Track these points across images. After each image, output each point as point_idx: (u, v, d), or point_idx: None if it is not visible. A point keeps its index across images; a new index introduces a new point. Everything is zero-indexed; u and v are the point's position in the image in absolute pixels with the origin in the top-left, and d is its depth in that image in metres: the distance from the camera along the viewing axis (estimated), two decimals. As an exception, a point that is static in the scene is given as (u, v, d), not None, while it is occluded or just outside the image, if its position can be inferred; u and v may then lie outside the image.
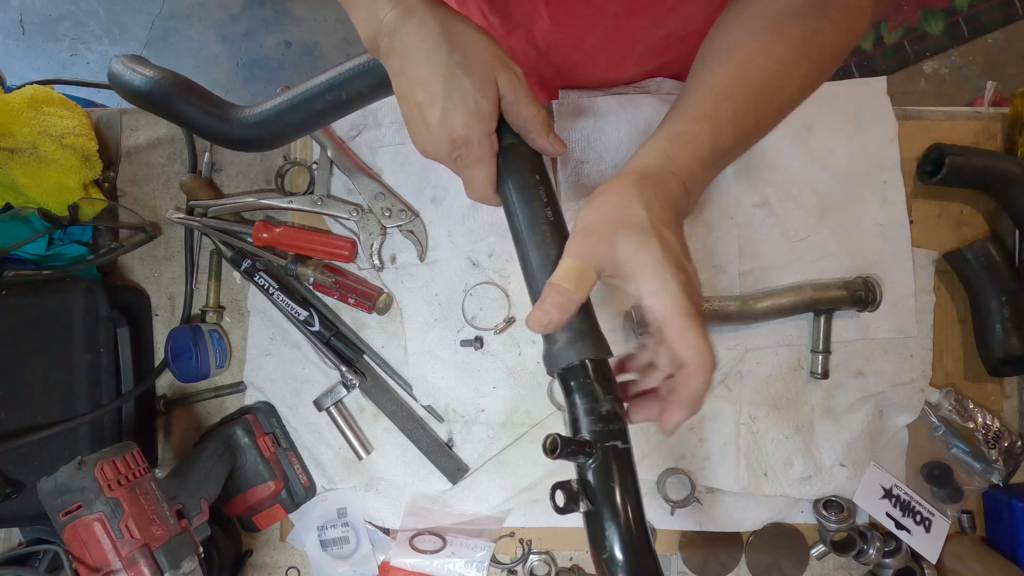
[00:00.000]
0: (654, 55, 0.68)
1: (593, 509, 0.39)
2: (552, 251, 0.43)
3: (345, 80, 0.50)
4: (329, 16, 1.86)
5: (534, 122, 0.45)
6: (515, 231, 0.46)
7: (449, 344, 0.67)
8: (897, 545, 0.66)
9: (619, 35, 0.63)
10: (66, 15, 1.90)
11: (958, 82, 1.78)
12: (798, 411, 0.66)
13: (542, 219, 0.44)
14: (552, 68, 0.70)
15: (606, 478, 0.39)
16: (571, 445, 0.39)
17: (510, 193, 0.46)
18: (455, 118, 0.43)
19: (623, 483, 0.39)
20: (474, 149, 0.44)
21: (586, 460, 0.40)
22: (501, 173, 0.46)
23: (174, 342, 0.66)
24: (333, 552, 0.68)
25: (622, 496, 0.39)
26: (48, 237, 0.68)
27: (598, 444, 0.40)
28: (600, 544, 0.39)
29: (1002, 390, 0.69)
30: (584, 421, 0.41)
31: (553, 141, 0.46)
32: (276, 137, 0.55)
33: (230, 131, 0.55)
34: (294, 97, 0.52)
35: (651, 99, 0.68)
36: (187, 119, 0.56)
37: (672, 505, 0.66)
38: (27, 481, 0.58)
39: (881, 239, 0.67)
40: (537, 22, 0.63)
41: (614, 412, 0.40)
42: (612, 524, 0.38)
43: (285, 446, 0.68)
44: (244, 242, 0.69)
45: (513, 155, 0.46)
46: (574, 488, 0.40)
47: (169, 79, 0.56)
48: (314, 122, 0.54)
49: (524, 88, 0.44)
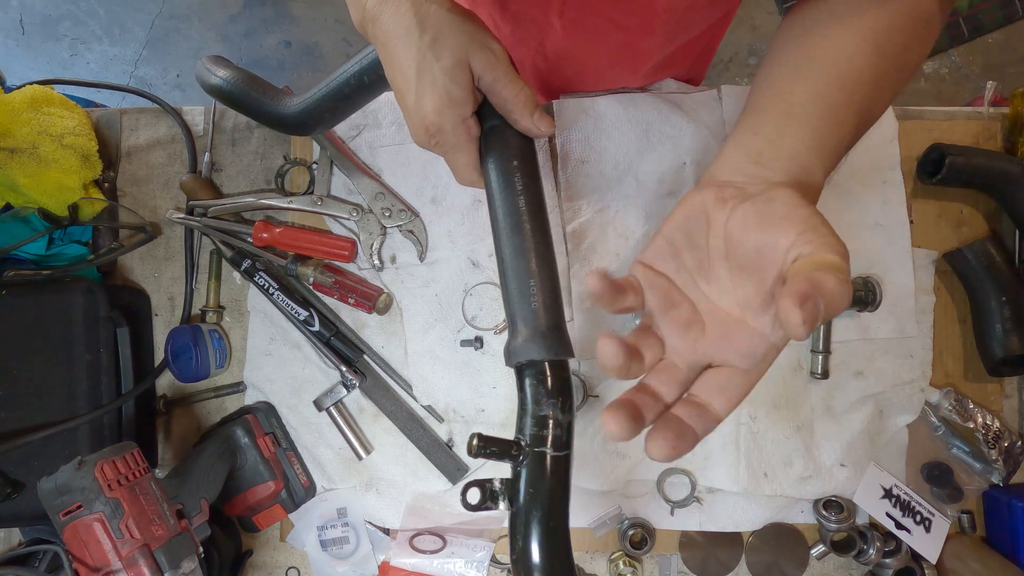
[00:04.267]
0: (663, 66, 0.68)
1: (514, 511, 0.39)
2: (522, 242, 0.42)
3: (365, 66, 0.51)
4: (329, 16, 1.86)
5: (515, 102, 0.43)
6: (492, 217, 0.45)
7: (449, 344, 0.67)
8: (897, 545, 0.66)
9: (632, 49, 0.62)
10: (66, 15, 1.90)
11: (958, 82, 1.78)
12: (798, 411, 0.66)
13: (515, 208, 0.43)
14: (561, 78, 0.70)
15: (529, 482, 0.39)
16: (494, 446, 0.38)
17: (488, 179, 0.45)
18: (427, 105, 0.42)
19: (547, 489, 0.38)
20: (448, 136, 0.43)
21: (514, 461, 0.39)
22: (483, 156, 0.45)
23: (174, 342, 0.66)
24: (333, 552, 0.68)
25: (543, 502, 0.38)
26: (48, 237, 0.68)
27: (526, 447, 0.39)
28: (514, 546, 0.39)
29: (1002, 390, 0.69)
30: (522, 421, 0.40)
31: (539, 121, 0.44)
32: (318, 122, 0.59)
33: (284, 118, 0.60)
34: (327, 85, 0.55)
35: (651, 98, 0.68)
36: (253, 112, 0.63)
37: (672, 505, 0.66)
38: (27, 481, 0.58)
39: (881, 239, 0.67)
40: (550, 34, 0.62)
41: (553, 417, 0.39)
42: (529, 528, 0.38)
43: (285, 446, 0.68)
44: (244, 242, 0.69)
45: (495, 138, 0.45)
46: (495, 487, 0.40)
47: (238, 77, 0.63)
48: (346, 107, 0.57)
49: (504, 66, 0.43)
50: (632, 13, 0.57)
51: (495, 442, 0.38)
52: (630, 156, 0.67)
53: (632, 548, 0.66)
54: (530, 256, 0.42)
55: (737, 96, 0.69)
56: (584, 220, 0.66)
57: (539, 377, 0.40)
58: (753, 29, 1.80)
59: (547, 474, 0.39)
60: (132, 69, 1.89)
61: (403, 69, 0.42)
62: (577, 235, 0.66)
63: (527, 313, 0.41)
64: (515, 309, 0.42)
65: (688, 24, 0.59)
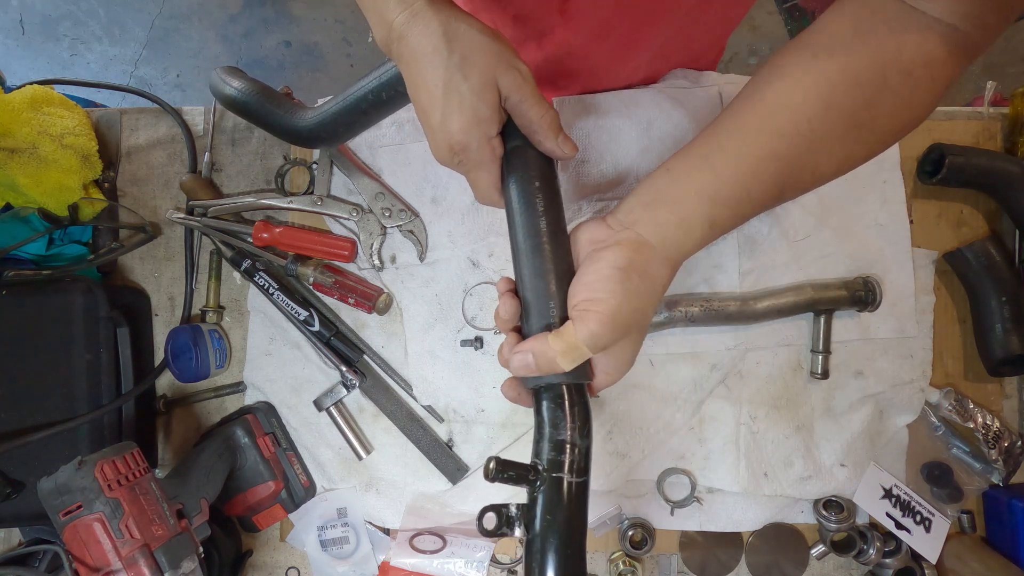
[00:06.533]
0: (667, 59, 0.68)
1: (530, 537, 0.38)
2: (542, 263, 0.42)
3: (384, 82, 0.51)
4: (329, 16, 1.86)
5: (540, 123, 0.44)
6: (512, 237, 0.45)
7: (449, 344, 0.67)
8: (897, 545, 0.66)
9: (636, 43, 0.62)
10: (66, 15, 1.90)
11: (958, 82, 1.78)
12: (798, 411, 0.66)
13: (535, 229, 0.43)
14: (565, 75, 0.70)
15: (546, 508, 0.38)
16: (511, 470, 0.37)
17: (510, 198, 0.45)
18: (453, 123, 0.42)
19: (565, 516, 0.38)
20: (473, 155, 0.43)
21: (531, 486, 0.39)
22: (504, 176, 0.45)
23: (174, 342, 0.66)
24: (333, 552, 0.68)
25: (559, 530, 0.37)
26: (48, 237, 0.68)
27: (543, 472, 0.38)
28: (529, 573, 0.38)
29: (1002, 390, 0.69)
30: (540, 445, 0.40)
31: (563, 143, 0.45)
32: (332, 136, 0.59)
33: (298, 132, 0.60)
34: (343, 99, 0.55)
35: (652, 96, 0.68)
36: (266, 124, 0.63)
37: (672, 505, 0.66)
38: (27, 481, 0.58)
39: (881, 239, 0.67)
40: (551, 32, 0.62)
41: (571, 442, 0.39)
42: (545, 557, 0.37)
43: (285, 446, 0.68)
44: (244, 242, 0.69)
45: (518, 158, 0.45)
46: (511, 513, 0.39)
47: (252, 89, 0.63)
48: (362, 122, 0.57)
49: (530, 88, 0.43)
50: (634, 6, 0.57)
51: (512, 466, 0.38)
52: (631, 155, 0.67)
53: (632, 548, 0.66)
54: (550, 278, 0.42)
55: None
56: (584, 220, 0.66)
57: (557, 400, 0.40)
58: (753, 29, 1.80)
59: (564, 500, 0.38)
60: (132, 69, 1.89)
61: (429, 88, 0.42)
62: (577, 235, 0.66)
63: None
64: (534, 330, 0.42)
65: (693, 17, 0.59)
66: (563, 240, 0.44)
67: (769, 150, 0.40)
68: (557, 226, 0.44)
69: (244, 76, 0.66)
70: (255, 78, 0.66)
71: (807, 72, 0.40)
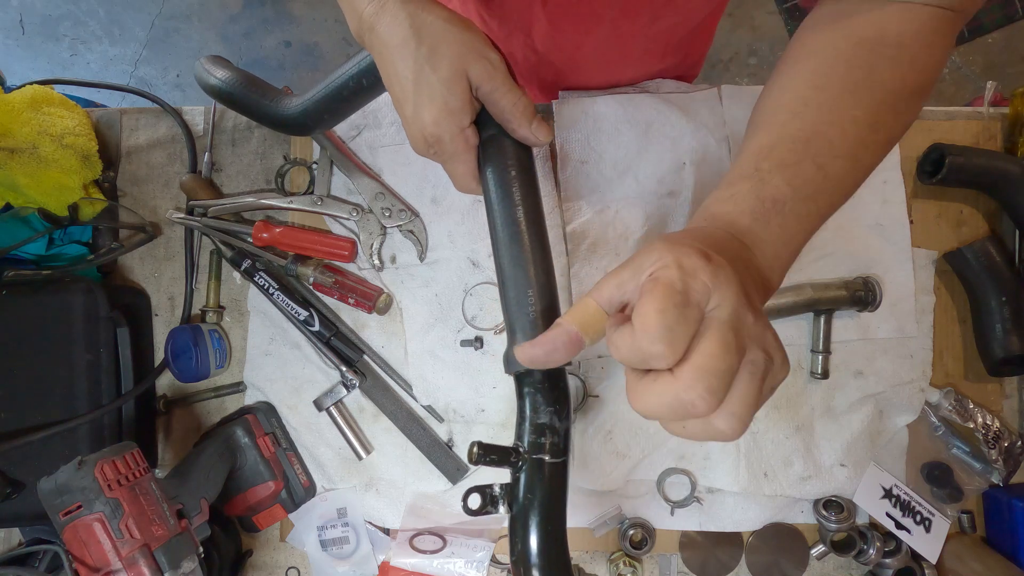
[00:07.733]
0: (655, 57, 0.68)
1: (513, 514, 0.40)
2: (520, 252, 0.43)
3: (363, 69, 0.52)
4: (329, 16, 1.86)
5: (513, 111, 0.43)
6: (490, 227, 0.45)
7: (449, 344, 0.67)
8: (897, 545, 0.66)
9: (618, 36, 0.63)
10: (66, 15, 1.90)
11: (958, 82, 1.78)
12: (798, 411, 0.66)
13: (512, 218, 0.43)
14: (552, 71, 0.70)
15: (527, 487, 0.40)
16: (494, 453, 0.40)
17: (487, 188, 0.45)
18: (424, 115, 0.42)
19: (545, 494, 0.40)
20: (447, 146, 0.43)
21: (513, 467, 0.41)
22: (481, 166, 0.46)
23: (174, 342, 0.66)
24: (333, 552, 0.68)
25: (540, 507, 0.40)
26: (48, 237, 0.68)
27: (525, 454, 0.40)
28: (513, 547, 0.40)
29: (1002, 390, 0.69)
30: (521, 428, 0.42)
31: (536, 130, 0.44)
32: (317, 123, 0.59)
33: (283, 120, 0.60)
34: (326, 86, 0.55)
35: (651, 99, 0.68)
36: (251, 112, 0.63)
37: (672, 505, 0.66)
38: (27, 481, 0.58)
39: (881, 239, 0.67)
40: (535, 25, 0.63)
41: (550, 425, 0.41)
42: (528, 531, 0.40)
43: (285, 446, 0.68)
44: (244, 242, 0.69)
45: (493, 147, 0.45)
46: (495, 492, 0.41)
47: (237, 78, 0.63)
48: (345, 108, 0.57)
49: (502, 76, 0.43)
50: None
51: (494, 449, 0.40)
52: (630, 156, 0.67)
53: (632, 548, 0.66)
54: (528, 266, 0.43)
55: (737, 96, 0.68)
56: (584, 220, 0.66)
57: (537, 386, 0.42)
58: (753, 29, 1.80)
59: (545, 480, 0.40)
60: (132, 69, 1.89)
61: (400, 80, 0.42)
62: (577, 235, 0.66)
63: (525, 322, 0.42)
64: (513, 318, 0.42)
65: (673, 5, 0.59)
66: (540, 228, 0.44)
67: (789, 132, 0.40)
68: (534, 215, 0.44)
69: (229, 65, 0.66)
70: (240, 67, 0.66)
71: (808, 49, 0.43)
